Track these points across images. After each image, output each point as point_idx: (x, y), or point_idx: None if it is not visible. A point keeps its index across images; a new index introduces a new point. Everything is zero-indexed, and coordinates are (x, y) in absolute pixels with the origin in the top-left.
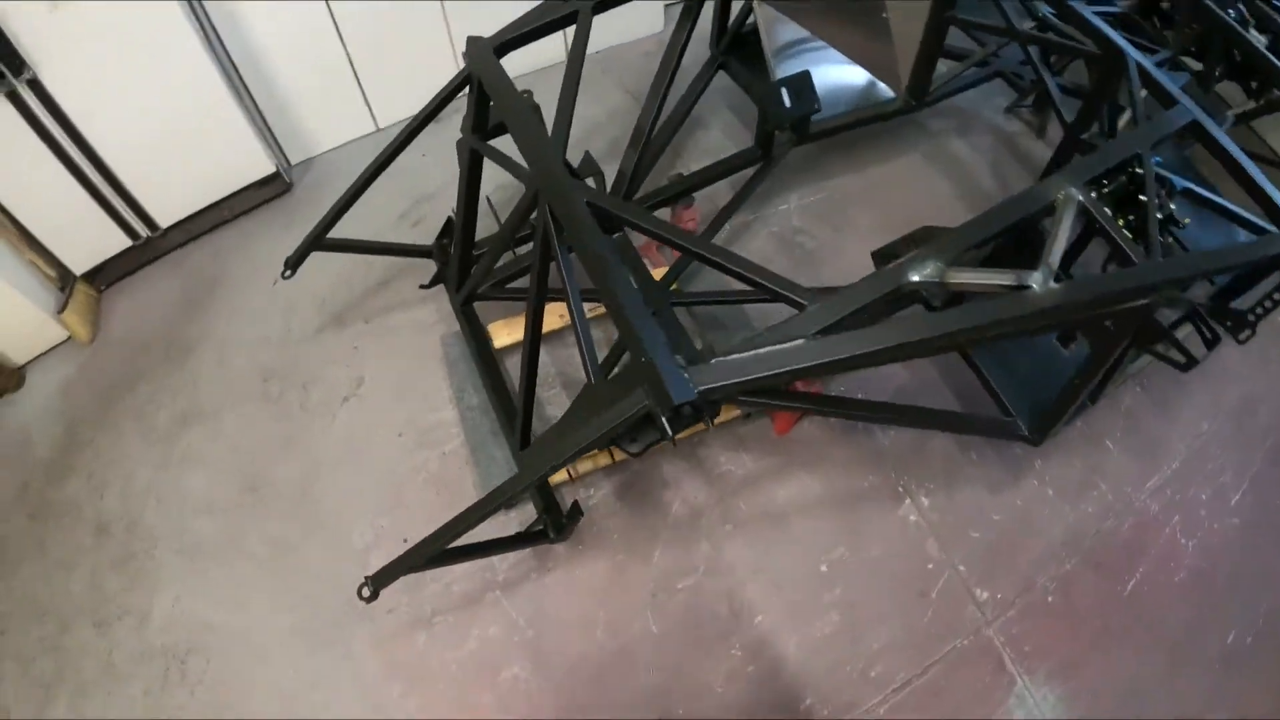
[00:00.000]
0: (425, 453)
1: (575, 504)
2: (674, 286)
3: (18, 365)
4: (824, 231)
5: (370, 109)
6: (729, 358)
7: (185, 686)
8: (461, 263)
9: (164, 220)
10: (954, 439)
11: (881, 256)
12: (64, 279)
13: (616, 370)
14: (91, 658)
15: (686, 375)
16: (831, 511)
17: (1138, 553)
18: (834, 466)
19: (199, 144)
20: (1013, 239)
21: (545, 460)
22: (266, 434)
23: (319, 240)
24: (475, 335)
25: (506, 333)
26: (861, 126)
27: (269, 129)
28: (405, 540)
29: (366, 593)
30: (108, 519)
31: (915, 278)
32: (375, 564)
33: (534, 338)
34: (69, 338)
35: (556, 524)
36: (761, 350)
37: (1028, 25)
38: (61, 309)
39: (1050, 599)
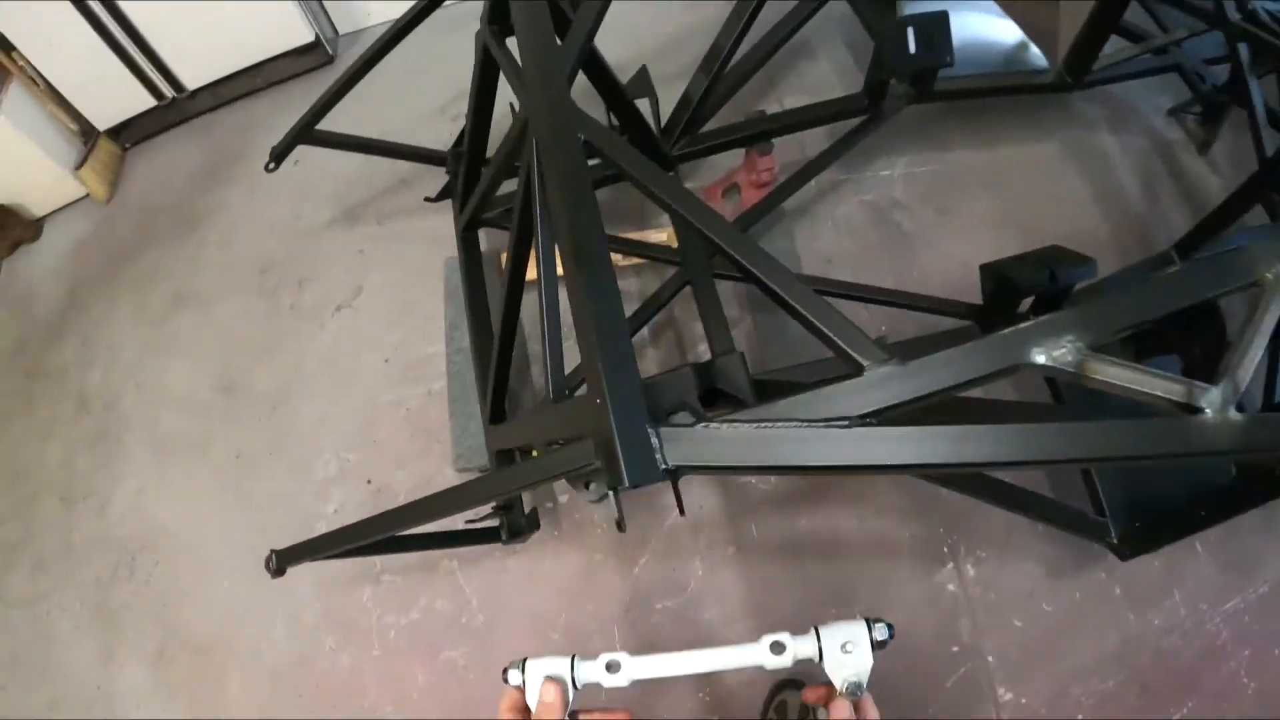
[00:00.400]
0: (409, 388)
1: (534, 511)
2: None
3: (36, 217)
4: (927, 212)
5: None
6: (723, 429)
7: (132, 584)
8: (468, 180)
9: (191, 82)
10: None
11: (992, 276)
12: (87, 134)
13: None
14: (54, 533)
15: (656, 442)
16: (858, 559)
17: (1193, 683)
18: (874, 505)
19: (230, 3)
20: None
21: (485, 489)
22: (252, 331)
23: (307, 131)
24: (471, 268)
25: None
26: (998, 96)
27: None
28: (369, 482)
29: (272, 565)
30: (90, 393)
31: (1041, 359)
32: (334, 499)
33: (511, 299)
34: (87, 195)
35: (513, 526)
36: (775, 428)
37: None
38: (80, 164)
39: (1080, 716)
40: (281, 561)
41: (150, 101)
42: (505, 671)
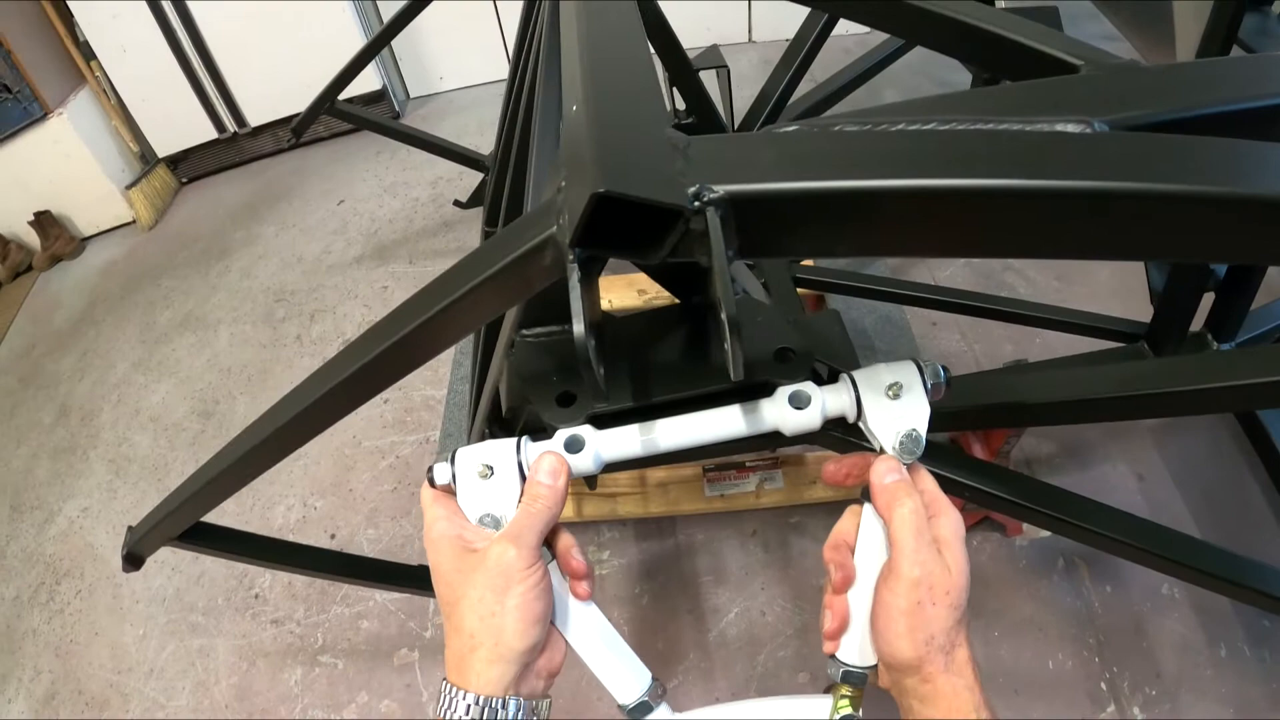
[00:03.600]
0: (404, 434)
1: None
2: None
3: (81, 236)
4: (1046, 278)
5: (509, 54)
6: (810, 131)
7: (48, 610)
8: (496, 188)
9: (254, 118)
10: (1195, 617)
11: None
12: (146, 158)
13: None
14: None
15: (670, 151)
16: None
17: None
18: (1007, 621)
19: (306, 45)
20: None
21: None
22: (249, 359)
23: (327, 102)
24: None
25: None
26: None
27: (391, 51)
28: (332, 536)
29: (125, 548)
30: (73, 404)
31: None
32: None
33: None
34: (133, 221)
35: None
36: (917, 125)
37: None
38: (131, 185)
39: None
40: (139, 544)
41: (212, 133)
42: (430, 470)
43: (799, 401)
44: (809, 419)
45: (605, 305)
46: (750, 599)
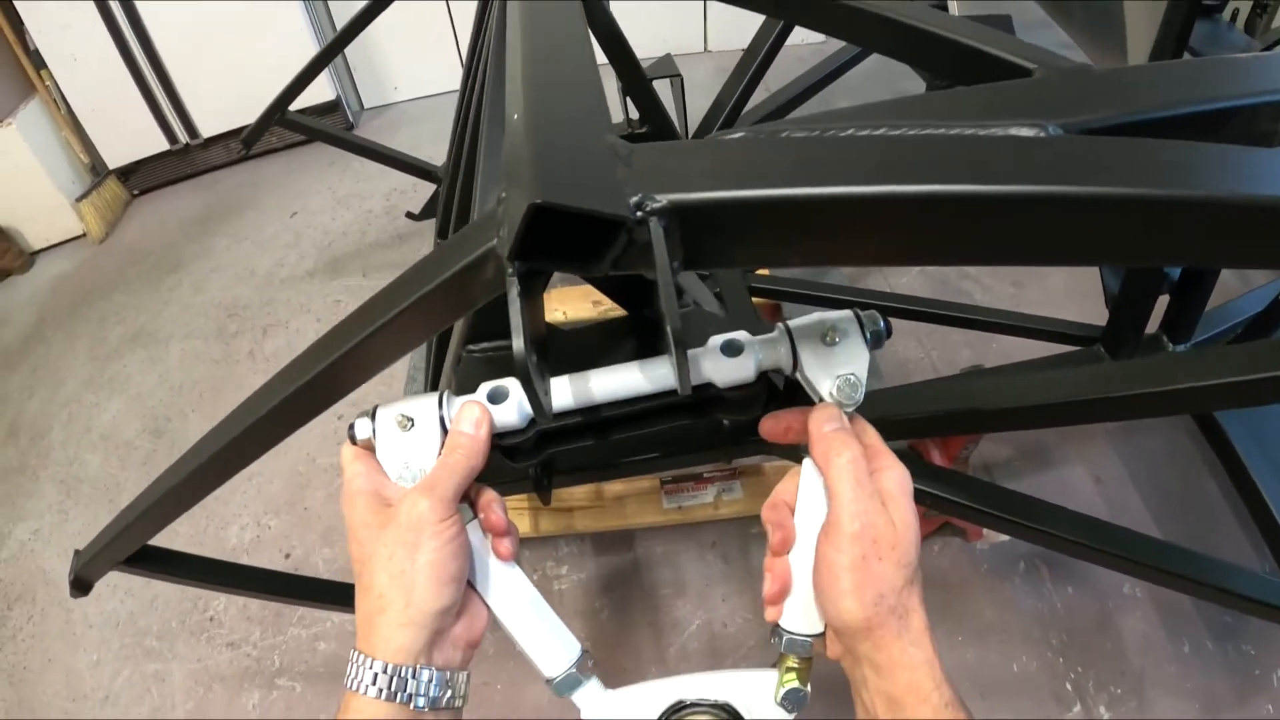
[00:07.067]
0: None
1: None
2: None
3: (31, 250)
4: (1001, 285)
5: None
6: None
7: None
8: (448, 199)
9: (206, 129)
10: (1157, 614)
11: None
12: (96, 169)
13: None
14: None
15: (617, 156)
16: None
17: None
18: (970, 626)
19: (258, 55)
20: None
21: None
22: (201, 375)
23: (277, 112)
24: None
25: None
26: None
27: (345, 61)
28: (287, 556)
29: (72, 574)
30: (22, 423)
31: None
32: None
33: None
34: (84, 234)
35: None
36: (880, 131)
37: None
38: (81, 197)
39: None
40: (86, 568)
41: (164, 144)
42: (351, 426)
43: (732, 350)
44: (742, 368)
45: (560, 317)
46: (711, 611)
